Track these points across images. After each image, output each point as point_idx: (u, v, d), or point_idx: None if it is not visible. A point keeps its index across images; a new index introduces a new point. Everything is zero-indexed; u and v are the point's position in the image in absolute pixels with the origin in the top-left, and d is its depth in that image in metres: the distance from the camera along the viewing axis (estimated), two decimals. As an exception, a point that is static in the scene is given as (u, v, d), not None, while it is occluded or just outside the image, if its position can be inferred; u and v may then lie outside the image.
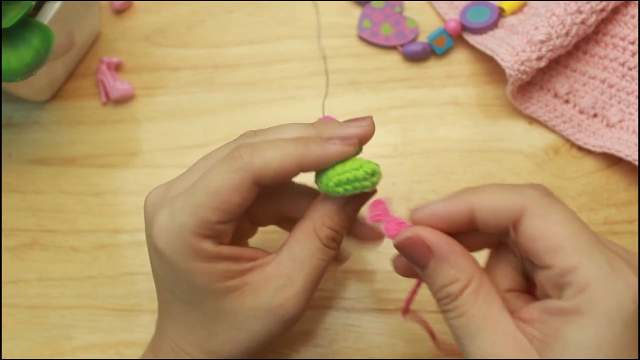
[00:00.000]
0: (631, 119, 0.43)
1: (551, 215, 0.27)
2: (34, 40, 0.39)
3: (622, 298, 0.25)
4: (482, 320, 0.27)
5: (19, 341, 0.43)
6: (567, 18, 0.42)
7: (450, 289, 0.28)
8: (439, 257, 0.28)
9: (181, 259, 0.30)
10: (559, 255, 0.26)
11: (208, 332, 0.32)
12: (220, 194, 0.29)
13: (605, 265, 0.25)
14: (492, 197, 0.28)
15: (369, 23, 0.48)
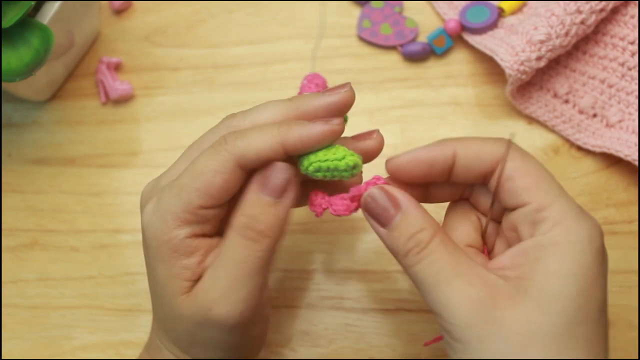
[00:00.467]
0: (631, 119, 0.43)
1: (527, 160, 0.29)
2: (33, 40, 0.39)
3: (591, 232, 0.28)
4: (457, 264, 0.28)
5: (19, 341, 0.43)
6: (566, 18, 0.42)
7: (420, 236, 0.29)
8: (407, 208, 0.29)
9: (152, 244, 0.30)
10: (537, 192, 0.28)
11: (176, 332, 0.32)
12: (203, 174, 0.29)
13: (574, 204, 0.28)
14: (474, 144, 0.30)
15: (369, 23, 0.48)
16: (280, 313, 0.42)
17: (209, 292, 0.30)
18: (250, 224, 0.30)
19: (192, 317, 0.30)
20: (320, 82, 0.35)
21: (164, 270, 0.31)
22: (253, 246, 0.30)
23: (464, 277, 0.28)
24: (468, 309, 0.27)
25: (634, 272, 0.41)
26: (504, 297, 0.27)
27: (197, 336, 0.31)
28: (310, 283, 0.43)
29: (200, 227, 0.31)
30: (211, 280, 0.30)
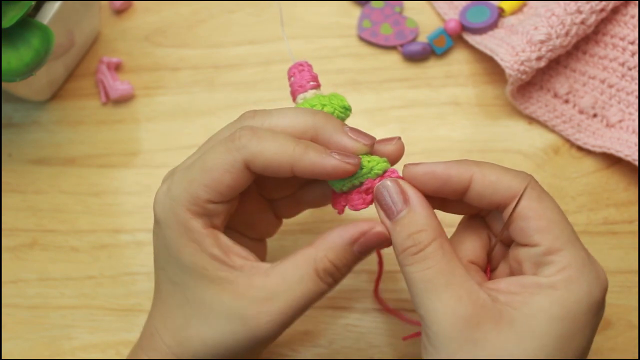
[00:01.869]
0: (631, 119, 0.43)
1: (544, 201, 0.29)
2: (33, 41, 0.39)
3: (593, 285, 0.28)
4: (450, 275, 0.28)
5: (19, 341, 0.43)
6: (566, 18, 0.42)
7: (419, 236, 0.29)
8: (415, 205, 0.30)
9: (173, 232, 0.30)
10: (548, 236, 0.28)
11: (183, 320, 0.31)
12: (212, 171, 0.30)
13: (583, 254, 0.29)
14: (493, 173, 0.30)
15: (369, 23, 0.48)
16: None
17: (261, 304, 0.30)
18: (333, 271, 0.30)
19: (225, 313, 0.30)
20: (308, 68, 0.34)
21: (192, 259, 0.30)
22: (324, 289, 0.30)
23: (454, 290, 0.28)
24: (451, 323, 0.27)
25: (634, 272, 0.41)
26: (489, 319, 0.27)
27: (215, 334, 0.31)
28: (310, 283, 0.43)
29: (210, 220, 0.31)
30: (268, 293, 0.30)
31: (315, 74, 0.34)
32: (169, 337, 0.32)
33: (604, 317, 0.40)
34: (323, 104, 0.32)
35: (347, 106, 0.33)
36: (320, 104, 0.32)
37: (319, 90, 0.34)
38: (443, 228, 0.30)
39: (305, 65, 0.34)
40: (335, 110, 0.32)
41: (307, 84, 0.34)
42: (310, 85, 0.34)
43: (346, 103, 0.33)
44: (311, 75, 0.34)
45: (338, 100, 0.33)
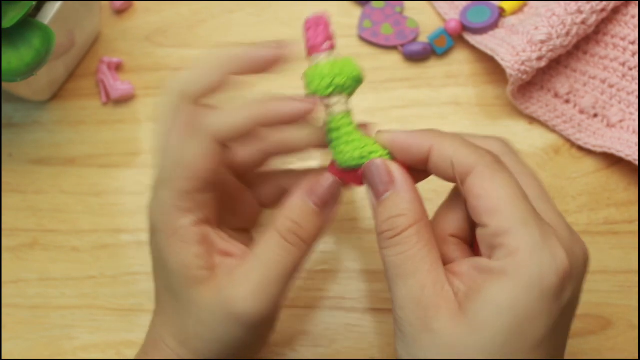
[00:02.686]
0: (631, 119, 0.43)
1: (496, 179, 0.28)
2: (34, 41, 0.39)
3: (545, 268, 0.26)
4: (419, 262, 0.28)
5: (19, 341, 0.43)
6: (567, 18, 0.42)
7: (397, 220, 0.29)
8: (399, 187, 0.30)
9: (163, 235, 0.30)
10: (496, 217, 0.27)
11: (181, 323, 0.32)
12: (187, 161, 0.30)
13: (536, 235, 0.27)
14: (450, 148, 0.29)
15: (370, 23, 0.48)
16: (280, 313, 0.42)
17: (237, 286, 0.30)
18: (295, 229, 0.30)
19: (211, 308, 0.30)
20: (324, 25, 0.32)
21: (176, 259, 0.30)
22: (293, 251, 0.30)
23: (420, 278, 0.28)
24: (412, 310, 0.28)
25: (634, 272, 0.41)
26: (447, 311, 0.27)
27: (208, 330, 0.31)
28: (310, 283, 0.43)
29: (202, 213, 0.31)
30: (242, 275, 0.30)
31: (331, 32, 0.32)
32: (172, 340, 0.32)
33: (604, 317, 0.41)
34: (334, 74, 0.31)
35: (359, 77, 0.32)
36: (331, 74, 0.31)
37: (332, 51, 0.32)
38: (426, 212, 0.30)
39: (322, 21, 0.32)
40: (347, 81, 0.31)
41: (320, 46, 0.32)
42: (324, 47, 0.32)
43: (358, 73, 0.32)
44: (326, 34, 0.32)
45: (350, 69, 0.32)
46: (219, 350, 0.31)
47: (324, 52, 0.32)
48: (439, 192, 0.44)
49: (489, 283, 0.27)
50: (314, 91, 0.32)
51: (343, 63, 0.32)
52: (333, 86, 0.32)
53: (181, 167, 0.30)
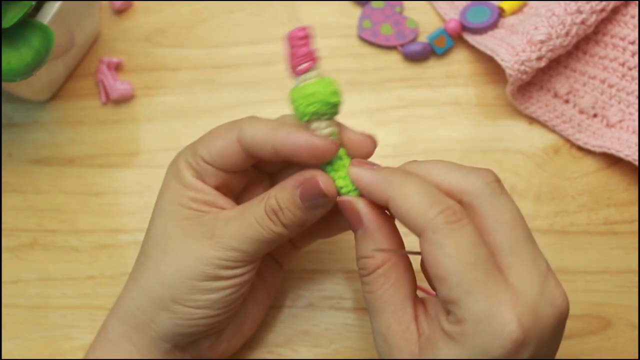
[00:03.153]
0: (631, 119, 0.43)
1: (445, 247, 0.27)
2: (34, 40, 0.39)
3: (489, 341, 0.26)
4: (385, 303, 0.30)
5: (19, 341, 0.43)
6: (567, 18, 0.42)
7: (366, 262, 0.30)
8: (365, 230, 0.30)
9: (168, 175, 0.35)
10: (443, 286, 0.27)
11: (146, 254, 0.35)
12: (212, 134, 0.34)
13: (483, 306, 0.26)
14: (405, 204, 0.29)
15: (369, 23, 0.48)
16: (280, 313, 0.42)
17: (216, 227, 0.32)
18: (277, 210, 0.32)
19: (188, 238, 0.33)
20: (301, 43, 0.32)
21: (170, 197, 0.34)
22: (268, 224, 0.32)
23: (386, 317, 0.30)
24: (380, 345, 0.30)
25: (634, 272, 0.41)
26: (407, 353, 0.29)
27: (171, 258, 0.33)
28: (310, 283, 0.43)
29: (201, 177, 0.34)
30: (224, 221, 0.32)
31: (311, 49, 0.31)
32: (130, 280, 0.35)
33: (604, 317, 0.41)
34: (308, 102, 0.31)
35: (332, 102, 0.31)
36: (305, 101, 0.31)
37: (310, 72, 0.31)
38: (402, 246, 0.31)
39: (296, 39, 0.31)
40: (320, 108, 0.31)
41: (297, 67, 0.31)
42: (299, 69, 0.31)
43: (330, 98, 0.31)
44: (304, 53, 0.31)
45: (323, 95, 0.31)
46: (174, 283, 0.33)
47: (300, 73, 0.32)
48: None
49: (442, 342, 0.28)
50: (296, 117, 0.32)
51: (316, 87, 0.31)
52: (307, 114, 0.31)
53: (207, 136, 0.34)
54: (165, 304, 0.33)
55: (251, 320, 0.38)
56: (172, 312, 0.33)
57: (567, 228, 0.43)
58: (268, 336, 0.41)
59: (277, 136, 0.31)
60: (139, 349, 0.35)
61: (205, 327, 0.34)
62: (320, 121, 0.32)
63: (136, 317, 0.34)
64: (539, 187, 0.44)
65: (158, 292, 0.33)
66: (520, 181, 0.44)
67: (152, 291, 0.34)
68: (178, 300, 0.33)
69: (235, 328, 0.37)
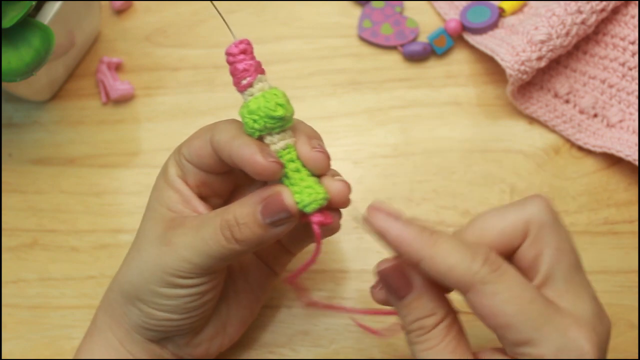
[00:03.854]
0: (631, 119, 0.43)
1: (499, 294, 0.27)
2: (34, 41, 0.39)
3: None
4: (450, 354, 0.28)
5: (19, 341, 0.43)
6: (567, 18, 0.42)
7: (425, 321, 0.29)
8: (419, 290, 0.29)
9: (159, 174, 0.35)
10: (510, 332, 0.27)
11: (129, 251, 0.35)
12: (193, 136, 0.34)
13: (555, 336, 0.27)
14: (444, 261, 0.28)
15: (369, 23, 0.48)
16: (280, 313, 0.42)
17: (173, 231, 0.32)
18: (232, 227, 0.31)
19: (156, 241, 0.33)
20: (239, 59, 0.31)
21: (156, 195, 0.34)
22: (223, 242, 0.31)
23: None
24: None
25: (634, 272, 0.41)
26: None
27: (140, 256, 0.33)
28: (310, 283, 0.43)
29: (183, 174, 0.34)
30: (182, 231, 0.32)
31: (246, 64, 0.31)
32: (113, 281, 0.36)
33: (604, 317, 0.41)
34: (252, 117, 0.30)
35: (273, 115, 0.30)
36: (250, 116, 0.30)
37: (253, 86, 0.31)
38: (452, 305, 0.30)
39: (234, 55, 0.31)
40: (266, 122, 0.30)
41: (239, 83, 0.31)
42: (242, 84, 0.31)
43: (272, 111, 0.30)
44: (240, 69, 0.31)
45: (265, 109, 0.30)
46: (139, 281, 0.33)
47: (243, 89, 0.31)
48: (438, 192, 0.44)
49: None
50: None
51: (259, 102, 0.30)
52: (255, 130, 0.30)
53: (190, 138, 0.34)
54: (132, 301, 0.34)
55: (237, 323, 0.38)
56: (138, 309, 0.34)
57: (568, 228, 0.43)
58: (268, 336, 0.41)
59: (232, 145, 0.30)
60: (118, 338, 0.35)
61: (171, 327, 0.34)
62: (272, 135, 0.30)
63: (113, 308, 0.36)
64: (539, 187, 0.44)
65: (126, 288, 0.34)
66: (520, 181, 0.44)
67: (122, 286, 0.34)
68: (142, 299, 0.33)
69: (216, 329, 0.37)
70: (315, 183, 0.31)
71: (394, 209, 0.29)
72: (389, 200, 0.44)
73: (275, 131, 0.30)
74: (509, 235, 0.29)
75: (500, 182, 0.44)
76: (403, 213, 0.29)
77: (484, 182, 0.44)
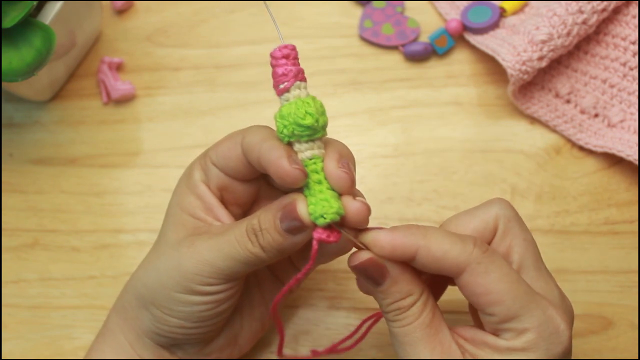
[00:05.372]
0: (632, 119, 0.43)
1: (491, 273, 0.29)
2: (35, 40, 0.39)
3: (551, 345, 0.29)
4: (426, 328, 0.30)
5: (20, 341, 0.43)
6: (568, 18, 0.42)
7: (402, 303, 0.30)
8: (394, 276, 0.30)
9: (181, 177, 0.35)
10: (499, 308, 0.29)
11: (147, 254, 0.35)
12: (223, 139, 0.34)
13: (540, 314, 0.29)
14: (438, 250, 0.30)
15: (370, 23, 0.48)
16: (280, 313, 0.42)
17: (197, 238, 0.32)
18: (257, 231, 0.31)
19: (176, 245, 0.33)
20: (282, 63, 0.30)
21: (178, 199, 0.34)
22: (246, 243, 0.31)
23: (429, 342, 0.30)
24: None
25: (634, 272, 0.42)
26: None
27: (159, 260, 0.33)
28: (310, 283, 0.43)
29: (207, 178, 0.34)
30: (205, 236, 0.32)
31: (286, 70, 0.30)
32: (129, 282, 0.36)
33: (605, 317, 0.41)
34: (283, 123, 0.30)
35: (304, 124, 0.30)
36: (281, 123, 0.30)
37: (290, 91, 0.30)
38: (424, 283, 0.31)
39: (276, 59, 0.30)
40: (295, 129, 0.30)
41: (277, 87, 0.31)
42: (280, 89, 0.30)
43: (301, 119, 0.30)
44: (279, 74, 0.30)
45: (296, 117, 0.30)
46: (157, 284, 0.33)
47: (280, 93, 0.31)
48: (439, 192, 0.44)
49: (498, 355, 0.29)
50: None
51: (290, 108, 0.30)
52: (285, 136, 0.30)
53: (219, 143, 0.34)
54: (146, 305, 0.34)
55: (248, 336, 0.38)
56: (151, 314, 0.34)
57: (568, 228, 0.43)
58: (269, 336, 0.41)
59: (261, 147, 0.31)
60: (129, 341, 0.35)
61: (183, 335, 0.34)
62: (300, 143, 0.30)
63: (126, 310, 0.35)
64: (540, 187, 0.44)
65: (141, 291, 0.34)
66: (521, 181, 0.44)
67: (137, 289, 0.34)
68: (156, 304, 0.33)
69: (228, 340, 0.37)
70: (332, 197, 0.30)
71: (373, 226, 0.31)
72: (389, 200, 0.44)
73: (304, 139, 0.30)
74: (481, 231, 0.32)
75: (501, 182, 0.44)
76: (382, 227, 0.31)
77: (484, 182, 0.44)
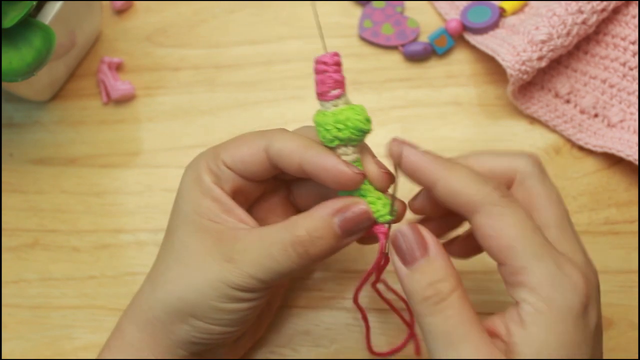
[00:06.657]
0: (632, 119, 0.43)
1: (505, 217, 0.28)
2: (35, 40, 0.39)
3: (569, 298, 0.27)
4: (469, 325, 0.28)
5: (20, 341, 0.43)
6: (568, 18, 0.42)
7: (440, 285, 0.28)
8: (434, 253, 0.29)
9: (188, 178, 0.34)
10: (510, 255, 0.28)
11: (166, 264, 0.33)
12: (238, 141, 0.33)
13: (552, 267, 0.27)
14: (457, 184, 0.29)
15: (370, 23, 0.48)
16: (281, 313, 0.42)
17: (235, 252, 0.31)
18: (306, 243, 0.31)
19: (202, 254, 0.32)
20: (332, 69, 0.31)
21: (190, 206, 0.33)
22: (294, 259, 0.31)
23: (472, 342, 0.27)
24: None
25: (635, 272, 0.42)
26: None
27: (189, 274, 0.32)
28: (310, 283, 0.43)
29: (219, 181, 0.33)
30: (242, 245, 0.31)
31: (340, 76, 0.31)
32: (148, 285, 0.34)
33: (605, 317, 0.41)
34: (338, 128, 0.31)
35: (363, 128, 0.31)
36: (335, 127, 0.31)
37: (340, 98, 0.31)
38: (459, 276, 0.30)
39: (329, 65, 0.31)
40: (351, 134, 0.31)
41: (328, 93, 0.31)
42: (331, 95, 0.31)
43: (362, 125, 0.31)
44: (334, 79, 0.31)
45: (354, 121, 0.31)
46: (189, 298, 0.32)
47: (331, 99, 0.31)
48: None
49: (532, 327, 0.27)
50: (321, 139, 0.32)
51: (348, 114, 0.31)
52: (337, 140, 0.31)
53: (233, 142, 0.33)
54: (184, 318, 0.33)
55: (263, 324, 0.39)
56: (190, 325, 0.33)
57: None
58: (269, 336, 0.41)
59: (306, 154, 0.31)
60: (156, 354, 0.34)
61: (222, 339, 0.34)
62: (347, 147, 0.31)
63: (154, 326, 0.34)
64: (540, 187, 0.44)
65: (177, 305, 0.33)
66: (521, 181, 0.44)
67: (171, 305, 0.33)
68: (197, 316, 0.32)
69: (250, 335, 0.38)
70: (382, 195, 0.32)
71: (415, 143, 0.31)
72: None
73: (353, 144, 0.31)
74: (497, 175, 0.31)
75: (501, 182, 0.44)
76: None
77: (484, 182, 0.44)
